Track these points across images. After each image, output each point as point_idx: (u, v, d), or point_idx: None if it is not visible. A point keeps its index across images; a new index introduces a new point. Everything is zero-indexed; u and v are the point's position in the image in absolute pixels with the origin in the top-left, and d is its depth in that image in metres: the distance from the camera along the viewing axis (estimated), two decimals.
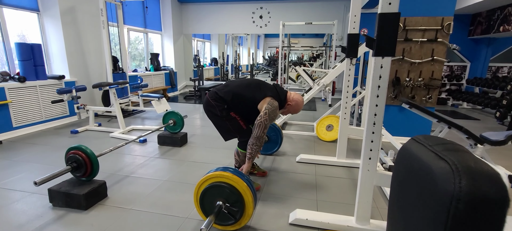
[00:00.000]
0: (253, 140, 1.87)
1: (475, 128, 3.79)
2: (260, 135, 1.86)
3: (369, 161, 1.52)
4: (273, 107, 1.86)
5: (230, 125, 1.99)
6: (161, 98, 4.38)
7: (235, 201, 1.57)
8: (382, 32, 1.35)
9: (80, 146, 1.97)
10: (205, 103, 2.04)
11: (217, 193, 1.58)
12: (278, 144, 2.89)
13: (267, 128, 1.86)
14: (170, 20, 7.16)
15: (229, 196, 1.57)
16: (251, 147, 1.89)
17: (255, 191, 1.63)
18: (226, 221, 1.62)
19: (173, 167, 2.61)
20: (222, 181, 1.57)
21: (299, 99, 2.05)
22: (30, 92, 3.70)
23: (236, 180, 1.55)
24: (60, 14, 4.03)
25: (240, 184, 1.55)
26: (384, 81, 1.40)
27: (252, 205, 1.57)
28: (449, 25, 3.07)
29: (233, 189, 1.55)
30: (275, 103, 1.89)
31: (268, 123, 1.84)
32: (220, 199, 1.58)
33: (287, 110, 2.08)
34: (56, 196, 1.88)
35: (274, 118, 1.88)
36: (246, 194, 1.55)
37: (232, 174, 1.57)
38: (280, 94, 1.99)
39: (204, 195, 1.61)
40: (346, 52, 2.45)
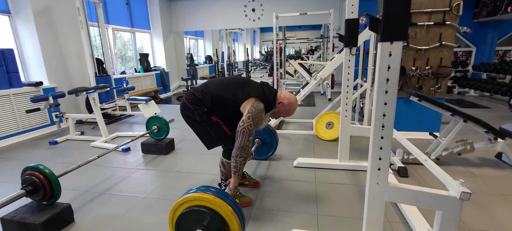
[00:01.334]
0: (237, 151, 1.57)
1: (487, 118, 3.48)
2: (244, 144, 1.55)
3: (379, 172, 1.22)
4: (258, 110, 1.55)
5: (212, 131, 1.70)
6: (149, 101, 4.08)
7: (217, 229, 1.28)
8: (390, 11, 1.04)
9: (38, 165, 1.68)
10: (182, 107, 1.74)
11: (196, 219, 1.30)
12: (273, 147, 2.61)
13: (251, 134, 1.55)
14: (158, 18, 6.82)
15: (210, 223, 1.28)
16: (235, 159, 1.58)
17: (242, 215, 1.34)
18: None
19: (155, 180, 2.32)
20: (202, 204, 1.28)
21: (292, 98, 1.73)
22: (3, 102, 3.40)
23: (218, 204, 1.26)
24: (33, 16, 3.72)
25: (223, 208, 1.26)
26: (394, 72, 1.10)
27: (236, 221, 1.28)
28: (458, 6, 2.75)
29: (215, 215, 1.27)
30: (260, 105, 1.59)
31: (252, 129, 1.54)
32: (199, 227, 1.30)
33: (279, 112, 1.74)
34: (9, 226, 1.60)
35: (259, 123, 1.58)
36: (231, 221, 1.27)
37: (214, 196, 1.28)
38: (267, 95, 1.67)
39: (180, 221, 1.32)
40: (344, 41, 2.14)
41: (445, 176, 1.34)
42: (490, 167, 2.39)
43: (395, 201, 1.44)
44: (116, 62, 6.02)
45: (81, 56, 4.45)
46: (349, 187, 2.10)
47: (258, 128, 1.64)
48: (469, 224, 1.63)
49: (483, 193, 1.97)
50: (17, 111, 3.56)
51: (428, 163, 1.59)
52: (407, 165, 2.36)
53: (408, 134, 3.18)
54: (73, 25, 4.28)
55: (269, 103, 1.68)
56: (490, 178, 2.18)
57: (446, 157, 2.37)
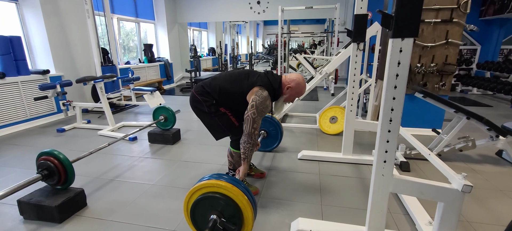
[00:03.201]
0: (244, 138, 1.63)
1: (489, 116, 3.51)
2: (250, 132, 1.60)
3: (384, 164, 1.27)
4: (262, 98, 1.59)
5: (220, 121, 1.74)
6: (154, 91, 4.13)
7: (232, 215, 1.33)
8: (402, 7, 1.07)
9: (52, 150, 1.74)
10: (191, 99, 1.79)
11: (211, 205, 1.34)
12: (278, 139, 2.65)
13: (257, 122, 1.60)
14: (163, 8, 6.80)
15: (225, 209, 1.33)
16: (243, 146, 1.64)
17: (255, 202, 1.39)
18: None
19: (163, 169, 2.38)
20: (217, 191, 1.32)
21: (299, 78, 1.72)
22: (11, 89, 3.45)
23: (233, 191, 1.30)
24: (40, 4, 3.73)
25: (238, 195, 1.30)
26: (404, 68, 1.13)
27: (251, 221, 1.33)
28: (466, 3, 2.75)
29: (230, 202, 1.31)
30: (264, 93, 1.61)
31: (256, 117, 1.58)
32: (214, 212, 1.34)
33: (291, 96, 1.74)
34: (26, 208, 1.66)
35: (264, 110, 1.61)
36: (245, 208, 1.31)
37: (228, 183, 1.32)
38: (272, 83, 1.68)
39: (195, 207, 1.36)
40: (352, 36, 2.17)
41: (447, 169, 1.39)
42: (491, 163, 2.44)
43: (399, 192, 1.49)
44: (121, 52, 6.04)
45: (86, 46, 4.47)
46: (352, 179, 2.16)
47: (266, 114, 1.67)
48: (468, 216, 1.68)
49: (482, 188, 2.03)
50: (25, 98, 3.61)
51: (432, 157, 1.64)
52: (409, 160, 2.41)
53: (411, 130, 3.23)
54: (79, 14, 4.29)
55: (275, 90, 1.69)
56: (490, 174, 2.23)
57: (448, 153, 2.42)
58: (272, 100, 1.71)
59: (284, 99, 1.75)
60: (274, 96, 1.71)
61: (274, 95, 1.71)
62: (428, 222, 1.55)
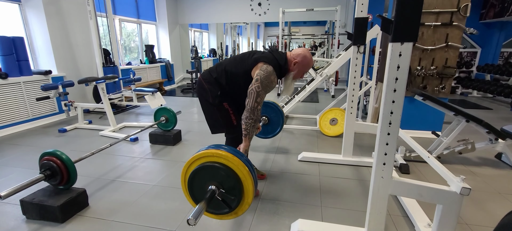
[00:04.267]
0: (246, 113, 1.58)
1: (489, 119, 3.52)
2: (253, 106, 1.55)
3: (384, 167, 1.29)
4: (267, 73, 1.55)
5: (220, 115, 1.76)
6: (155, 92, 4.15)
7: (231, 186, 1.27)
8: (401, 12, 1.09)
9: (55, 151, 1.75)
10: (198, 86, 1.80)
11: (210, 175, 1.28)
12: (279, 125, 2.60)
13: (260, 96, 1.56)
14: (164, 9, 6.84)
15: (225, 180, 1.27)
16: (245, 121, 1.59)
17: (255, 174, 1.34)
18: (219, 209, 1.33)
19: (164, 169, 2.40)
20: (216, 161, 1.27)
21: (304, 52, 1.68)
22: (13, 89, 3.47)
23: (233, 161, 1.24)
24: (43, 4, 3.76)
25: (238, 166, 1.24)
26: (403, 72, 1.15)
27: (252, 193, 1.27)
28: (466, 7, 2.77)
29: (230, 172, 1.25)
30: (269, 68, 1.57)
31: (261, 90, 1.54)
32: (213, 183, 1.28)
33: (299, 72, 1.70)
34: (29, 208, 1.68)
35: (268, 85, 1.56)
36: (246, 179, 1.25)
37: (228, 153, 1.26)
38: (278, 59, 1.64)
39: (193, 178, 1.31)
40: (353, 38, 2.18)
41: (446, 172, 1.40)
42: (490, 166, 2.45)
43: (398, 194, 1.51)
44: (122, 53, 6.06)
45: (88, 46, 4.50)
46: (352, 181, 2.17)
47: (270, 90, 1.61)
48: (466, 219, 1.70)
49: (481, 190, 2.04)
50: (27, 98, 3.63)
51: (431, 159, 1.65)
52: (408, 162, 2.42)
53: (411, 132, 3.24)
54: (81, 15, 4.32)
55: (281, 67, 1.66)
56: (489, 177, 2.25)
57: (447, 155, 2.43)
58: (279, 77, 1.68)
59: (293, 77, 1.71)
60: (280, 73, 1.67)
61: (280, 72, 1.67)
62: (427, 224, 1.57)
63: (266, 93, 1.60)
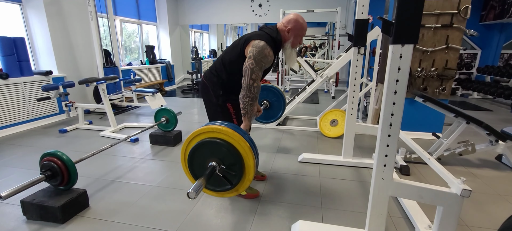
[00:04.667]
0: (243, 92, 1.55)
1: (489, 120, 3.52)
2: (249, 84, 1.52)
3: (384, 168, 1.29)
4: (259, 48, 1.51)
5: (222, 115, 1.76)
6: (155, 93, 4.15)
7: (232, 162, 1.25)
8: (402, 14, 1.09)
9: (56, 151, 1.75)
10: (201, 86, 1.81)
11: (210, 152, 1.27)
12: (281, 109, 2.58)
13: (255, 73, 1.52)
14: (165, 10, 6.85)
15: (225, 155, 1.25)
16: (242, 100, 1.56)
17: (257, 150, 1.33)
18: (220, 186, 1.32)
19: (164, 170, 2.40)
20: (217, 137, 1.25)
21: (295, 16, 1.64)
22: (14, 89, 3.47)
23: (234, 137, 1.23)
24: (44, 5, 3.77)
25: (239, 141, 1.23)
26: (404, 74, 1.15)
27: (253, 169, 1.26)
28: (466, 9, 2.78)
29: (230, 148, 1.23)
30: (261, 43, 1.52)
31: (255, 66, 1.50)
32: (213, 159, 1.27)
33: (294, 37, 1.65)
34: (29, 208, 1.68)
35: (263, 60, 1.52)
36: (247, 155, 1.24)
37: (229, 128, 1.24)
38: (269, 33, 1.60)
39: (193, 154, 1.29)
40: (353, 40, 2.19)
41: (447, 174, 1.40)
42: (490, 168, 2.45)
43: (399, 196, 1.50)
44: (122, 53, 6.07)
45: (89, 47, 4.51)
46: (353, 182, 2.17)
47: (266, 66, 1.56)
48: (467, 220, 1.70)
49: (482, 192, 2.04)
50: (28, 99, 3.63)
51: (431, 161, 1.65)
52: (409, 164, 2.42)
53: (411, 134, 3.24)
54: (82, 15, 4.33)
55: (274, 39, 1.62)
56: (490, 179, 2.25)
57: (447, 157, 2.43)
58: (275, 51, 1.63)
59: (291, 45, 1.67)
60: (275, 46, 1.63)
61: (275, 45, 1.63)
62: (427, 226, 1.57)
63: (262, 70, 1.56)
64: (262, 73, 1.59)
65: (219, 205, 1.86)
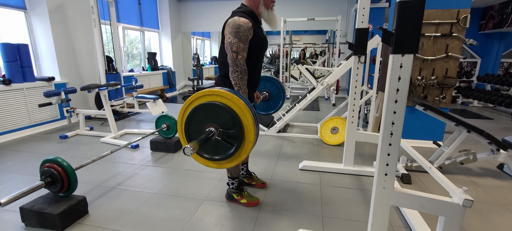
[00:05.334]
0: (230, 68, 1.56)
1: (490, 129, 3.53)
2: (233, 57, 1.52)
3: (385, 177, 1.28)
4: (232, 23, 1.50)
5: None
6: (156, 99, 4.17)
7: (230, 125, 1.24)
8: (402, 25, 1.10)
9: (56, 158, 1.76)
10: None
11: (206, 117, 1.26)
12: (281, 99, 2.56)
13: (235, 46, 1.51)
14: (167, 18, 6.93)
15: (222, 117, 1.24)
16: (232, 76, 1.56)
17: (254, 111, 1.32)
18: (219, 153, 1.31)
19: (164, 177, 2.39)
20: (212, 100, 1.24)
21: None
22: (16, 95, 3.50)
23: (226, 95, 1.22)
24: (48, 12, 3.82)
25: (232, 99, 1.22)
26: (404, 83, 1.16)
27: (253, 128, 1.23)
28: (466, 18, 2.80)
29: (226, 107, 1.22)
30: (233, 19, 1.52)
31: (233, 40, 1.50)
32: (211, 125, 1.26)
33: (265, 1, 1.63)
34: (28, 215, 1.67)
35: (239, 31, 1.49)
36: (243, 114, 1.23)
37: (221, 90, 1.24)
38: (240, 9, 1.62)
39: (190, 120, 1.28)
40: (354, 49, 2.21)
41: (448, 183, 1.40)
42: (492, 177, 2.43)
43: (400, 205, 1.49)
44: (125, 60, 6.12)
45: (91, 53, 4.55)
46: (354, 191, 2.16)
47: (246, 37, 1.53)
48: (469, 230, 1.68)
49: (484, 202, 2.02)
50: (30, 105, 3.65)
51: (432, 170, 1.65)
52: (410, 172, 2.41)
53: (412, 142, 3.23)
54: (86, 22, 4.38)
55: (246, 11, 1.61)
56: (491, 188, 2.23)
57: (449, 166, 2.42)
58: (254, 22, 1.59)
59: (265, 6, 1.65)
60: (252, 17, 1.61)
61: (251, 15, 1.61)
62: None
63: (243, 42, 1.52)
64: (246, 46, 1.54)
65: (219, 213, 1.85)
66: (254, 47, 1.60)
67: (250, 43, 1.57)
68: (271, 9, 1.70)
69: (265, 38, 1.70)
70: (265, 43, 1.72)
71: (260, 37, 1.62)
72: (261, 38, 1.63)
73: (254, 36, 1.57)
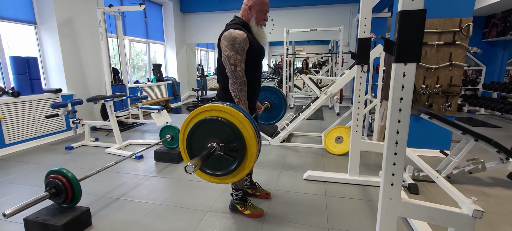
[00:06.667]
0: (230, 80, 1.57)
1: (498, 137, 3.45)
2: (231, 70, 1.53)
3: (392, 187, 1.26)
4: (228, 35, 1.52)
5: None
6: (161, 110, 4.20)
7: (232, 140, 1.24)
8: (404, 34, 1.11)
9: (61, 169, 1.77)
10: None
11: (208, 132, 1.26)
12: (282, 108, 2.56)
13: (233, 58, 1.52)
14: (172, 30, 7.07)
15: (223, 132, 1.24)
16: (232, 88, 1.57)
17: (255, 124, 1.31)
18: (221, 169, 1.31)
19: (168, 188, 2.38)
20: (213, 115, 1.25)
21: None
22: (24, 107, 3.56)
23: (225, 110, 1.23)
24: (57, 26, 3.94)
25: (231, 112, 1.22)
26: (408, 92, 1.15)
27: (255, 141, 1.23)
28: (468, 27, 2.80)
29: (227, 122, 1.22)
30: (229, 31, 1.54)
31: (230, 53, 1.52)
32: (213, 140, 1.26)
33: (256, 12, 1.64)
34: (32, 227, 1.67)
35: (234, 43, 1.51)
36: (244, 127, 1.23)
37: (222, 104, 1.24)
38: (233, 21, 1.65)
39: (192, 136, 1.28)
40: (357, 58, 2.21)
41: (457, 193, 1.36)
42: (502, 187, 2.37)
43: (407, 216, 1.46)
44: (130, 71, 6.22)
45: (98, 66, 4.64)
46: (360, 201, 2.12)
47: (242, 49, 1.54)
48: None
49: (494, 212, 1.96)
50: (37, 116, 3.71)
51: (440, 180, 1.61)
52: (417, 182, 2.36)
53: (418, 151, 3.19)
54: (93, 35, 4.50)
55: (240, 24, 1.63)
56: (502, 198, 2.17)
57: (457, 175, 2.37)
58: (248, 34, 1.60)
59: (256, 21, 1.66)
60: (246, 27, 1.64)
61: (245, 26, 1.64)
62: None
63: (241, 53, 1.53)
64: (243, 57, 1.56)
65: (223, 224, 1.82)
66: (251, 57, 1.62)
67: (247, 54, 1.59)
68: (261, 26, 1.72)
69: (261, 47, 1.71)
70: (262, 52, 1.73)
71: (255, 47, 1.64)
72: (256, 48, 1.65)
73: (249, 46, 1.59)
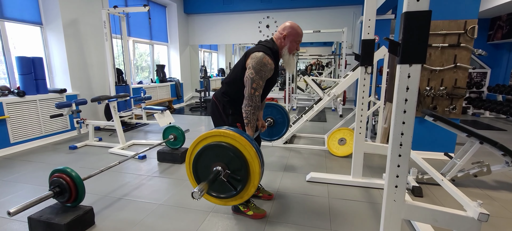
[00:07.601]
0: (245, 101, 1.60)
1: (504, 140, 3.41)
2: (250, 93, 1.57)
3: (396, 190, 1.25)
4: (257, 59, 1.56)
5: None
6: (164, 111, 4.22)
7: (237, 168, 1.27)
8: (409, 35, 1.10)
9: (65, 168, 1.78)
10: (211, 106, 1.85)
11: (216, 155, 1.29)
12: (285, 125, 2.58)
13: (256, 82, 1.56)
14: (176, 31, 7.11)
15: (230, 160, 1.27)
16: (245, 109, 1.60)
17: (262, 157, 1.34)
18: (225, 192, 1.34)
19: (171, 188, 2.39)
20: (223, 140, 1.28)
21: (290, 23, 1.70)
22: (29, 106, 3.60)
23: (240, 141, 1.25)
24: (63, 27, 3.98)
25: (245, 146, 1.24)
26: (413, 93, 1.15)
27: (258, 175, 1.26)
28: (473, 29, 2.78)
29: (236, 152, 1.25)
30: (259, 54, 1.57)
31: (255, 76, 1.55)
32: (218, 164, 1.29)
33: (290, 42, 1.68)
34: (36, 226, 1.68)
35: (262, 69, 1.56)
36: (253, 160, 1.25)
37: (235, 133, 1.27)
38: (265, 44, 1.66)
39: (198, 159, 1.31)
40: (360, 60, 2.20)
41: (462, 196, 1.35)
42: (508, 190, 2.34)
43: (411, 219, 1.44)
44: (134, 72, 6.26)
45: (102, 66, 4.68)
46: (363, 204, 2.10)
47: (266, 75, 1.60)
48: None
49: (500, 216, 1.94)
50: (41, 116, 3.74)
51: (445, 183, 1.60)
52: (421, 185, 2.34)
53: (423, 154, 3.16)
54: (98, 36, 4.54)
55: (272, 49, 1.65)
56: (508, 202, 2.14)
57: (461, 178, 2.34)
58: (275, 61, 1.66)
59: (288, 50, 1.70)
60: (275, 56, 1.67)
61: (275, 55, 1.68)
62: None
63: (263, 79, 1.59)
64: (264, 84, 1.62)
65: (225, 225, 1.82)
66: (266, 84, 1.68)
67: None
68: (293, 54, 1.76)
69: (277, 73, 1.76)
70: (276, 80, 1.79)
71: (274, 75, 1.70)
72: (274, 76, 1.71)
73: (271, 76, 1.66)
